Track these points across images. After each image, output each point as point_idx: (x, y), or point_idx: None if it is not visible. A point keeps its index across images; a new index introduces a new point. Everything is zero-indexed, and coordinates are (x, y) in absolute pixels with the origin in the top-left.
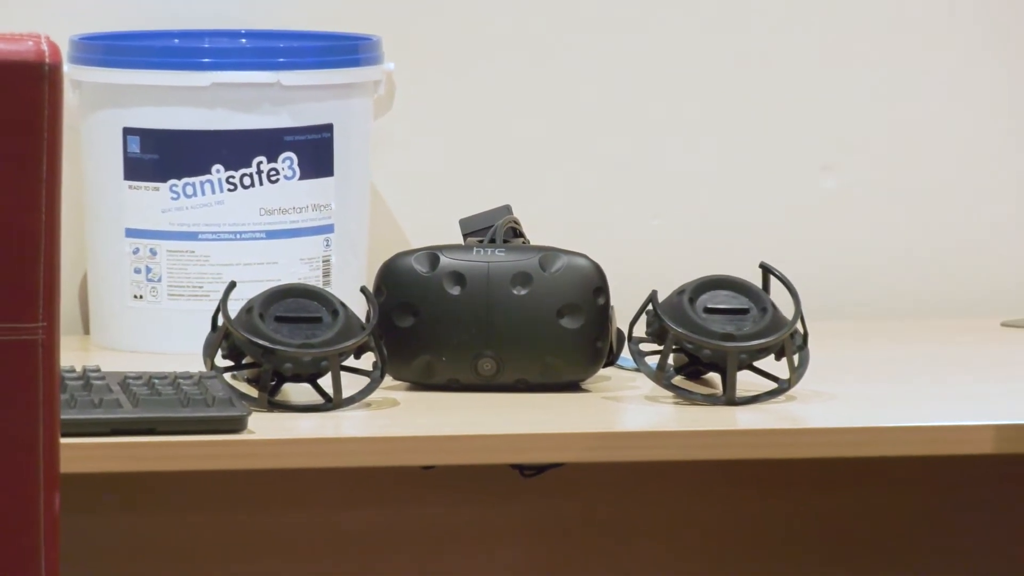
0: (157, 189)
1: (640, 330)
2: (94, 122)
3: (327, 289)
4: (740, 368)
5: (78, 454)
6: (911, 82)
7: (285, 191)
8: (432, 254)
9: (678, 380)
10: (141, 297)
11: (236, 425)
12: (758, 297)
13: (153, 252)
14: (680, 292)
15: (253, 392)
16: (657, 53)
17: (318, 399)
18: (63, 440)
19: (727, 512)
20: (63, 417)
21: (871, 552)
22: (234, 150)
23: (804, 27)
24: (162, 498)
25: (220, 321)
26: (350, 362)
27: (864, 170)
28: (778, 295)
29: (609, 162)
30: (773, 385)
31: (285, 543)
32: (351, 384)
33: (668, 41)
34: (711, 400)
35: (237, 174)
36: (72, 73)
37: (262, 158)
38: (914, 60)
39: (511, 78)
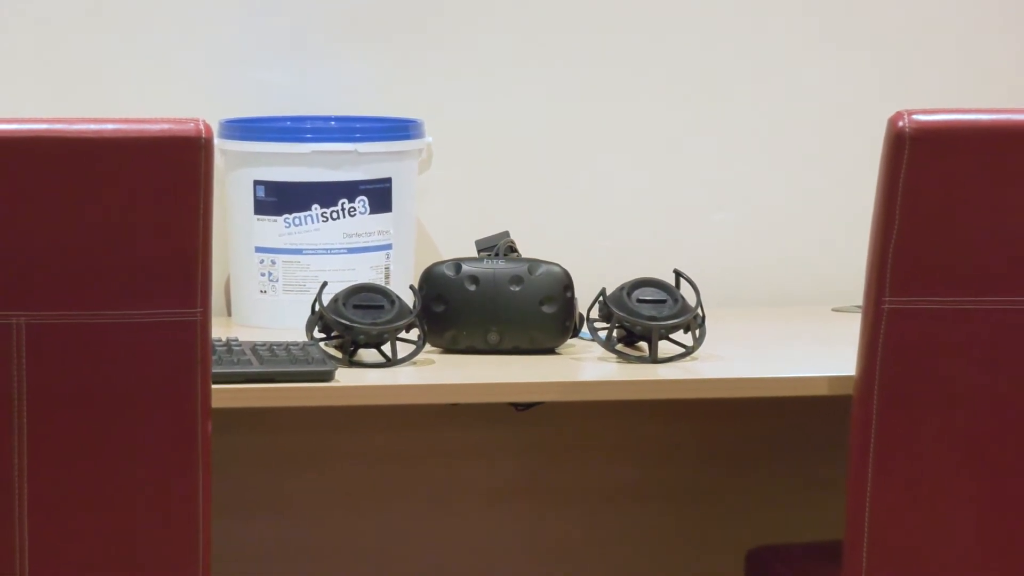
0: (276, 220)
1: (594, 313)
2: (234, 177)
3: (387, 286)
4: (660, 339)
5: (223, 395)
6: (763, 155)
7: (359, 222)
8: (457, 263)
9: (619, 347)
10: (265, 292)
11: (327, 376)
12: (672, 291)
13: (273, 262)
14: (621, 288)
15: (338, 355)
16: (600, 137)
17: (381, 359)
18: (213, 386)
19: (651, 434)
20: (213, 371)
21: (744, 458)
22: (326, 195)
23: (709, 125)
24: (277, 424)
25: (317, 308)
26: (402, 335)
27: (741, 210)
28: (686, 290)
29: (574, 203)
30: (682, 350)
31: (358, 455)
32: (403, 349)
33: (608, 127)
34: (641, 360)
35: (328, 211)
36: (220, 144)
37: (344, 200)
38: (768, 139)
39: (508, 149)
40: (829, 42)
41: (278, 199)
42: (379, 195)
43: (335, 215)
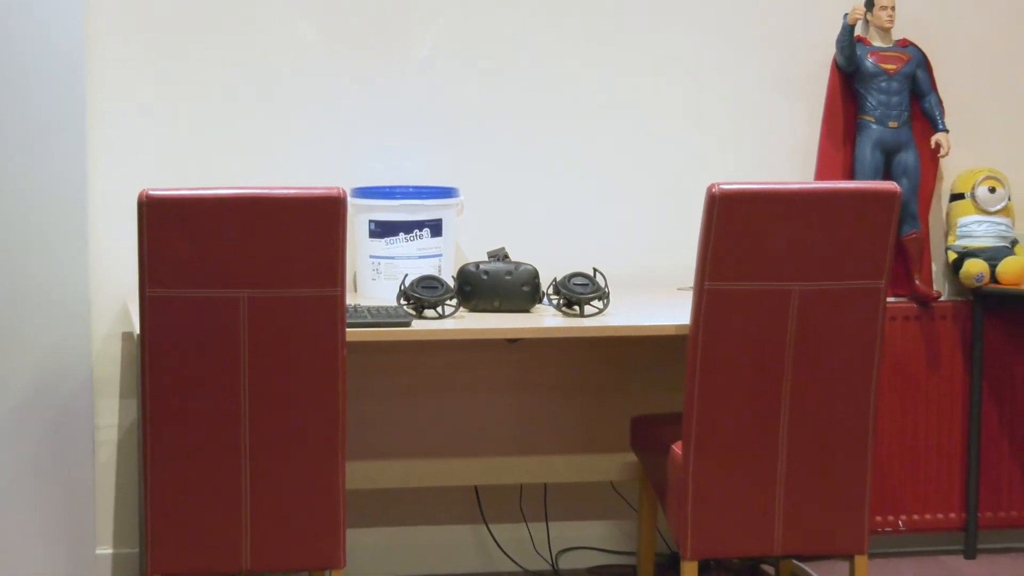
0: (380, 241)
1: (551, 291)
2: (358, 218)
3: (440, 276)
4: (587, 304)
5: (352, 334)
6: (642, 206)
7: (425, 242)
8: (476, 264)
9: (564, 309)
10: (375, 279)
11: (407, 324)
12: (592, 279)
13: (379, 263)
14: (564, 278)
15: (413, 313)
16: (557, 200)
17: (436, 315)
18: (347, 329)
19: (579, 356)
20: (347, 320)
21: (632, 368)
22: (407, 228)
23: (616, 192)
24: (380, 350)
25: (401, 288)
26: (447, 303)
27: (630, 236)
28: (600, 278)
29: (541, 232)
30: (597, 310)
31: (423, 367)
32: (448, 311)
33: (560, 195)
34: (575, 315)
35: (408, 236)
36: (351, 201)
37: (416, 230)
38: (645, 197)
39: (506, 204)
40: (690, 131)
41: (381, 230)
42: (435, 228)
43: (411, 239)
